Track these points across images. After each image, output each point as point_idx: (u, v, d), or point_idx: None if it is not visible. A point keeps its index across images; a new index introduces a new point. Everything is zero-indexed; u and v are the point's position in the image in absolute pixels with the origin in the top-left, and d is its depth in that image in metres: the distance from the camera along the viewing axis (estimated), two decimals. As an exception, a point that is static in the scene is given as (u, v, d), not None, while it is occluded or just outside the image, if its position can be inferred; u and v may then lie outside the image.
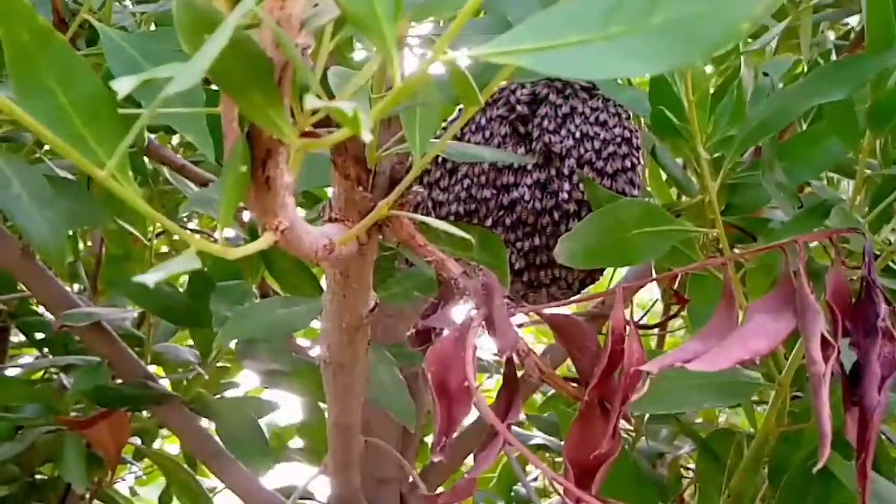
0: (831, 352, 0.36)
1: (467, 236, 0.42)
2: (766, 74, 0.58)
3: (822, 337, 0.36)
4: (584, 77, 0.27)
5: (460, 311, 0.48)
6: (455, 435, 0.93)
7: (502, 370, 0.45)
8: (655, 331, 0.93)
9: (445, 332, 0.44)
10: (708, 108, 0.61)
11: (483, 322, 0.44)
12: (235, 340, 0.68)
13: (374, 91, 0.45)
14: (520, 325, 0.49)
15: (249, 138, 0.33)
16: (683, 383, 0.57)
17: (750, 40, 0.60)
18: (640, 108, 0.65)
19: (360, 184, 0.46)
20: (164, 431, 0.99)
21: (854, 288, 0.44)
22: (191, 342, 0.86)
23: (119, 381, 0.79)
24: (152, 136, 0.79)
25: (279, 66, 0.31)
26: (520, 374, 0.46)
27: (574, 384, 0.44)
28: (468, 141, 0.75)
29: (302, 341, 0.92)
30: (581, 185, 0.71)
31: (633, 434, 0.87)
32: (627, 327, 0.42)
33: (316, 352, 0.63)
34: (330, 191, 0.50)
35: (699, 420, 0.97)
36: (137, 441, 1.05)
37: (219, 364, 0.83)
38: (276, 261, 0.68)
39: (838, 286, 0.39)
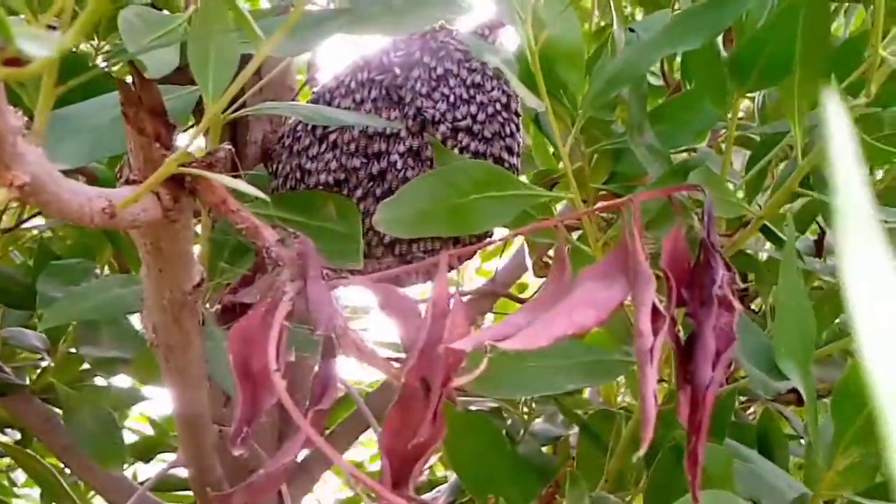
0: (662, 323, 0.32)
1: (264, 196, 0.37)
2: (632, 31, 0.53)
3: (654, 307, 0.32)
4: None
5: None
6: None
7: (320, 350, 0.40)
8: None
9: (252, 308, 0.39)
10: (582, 67, 0.56)
11: (297, 296, 0.39)
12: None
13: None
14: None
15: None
16: (547, 364, 0.52)
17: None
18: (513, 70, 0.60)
19: (158, 140, 0.40)
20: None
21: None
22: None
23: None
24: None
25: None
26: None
27: (398, 364, 0.39)
28: (337, 105, 0.69)
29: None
30: (460, 152, 0.66)
31: (526, 417, 0.83)
32: (452, 299, 0.37)
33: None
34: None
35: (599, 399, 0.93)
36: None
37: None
38: (120, 235, 0.62)
39: (676, 250, 0.34)
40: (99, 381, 0.83)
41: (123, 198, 0.38)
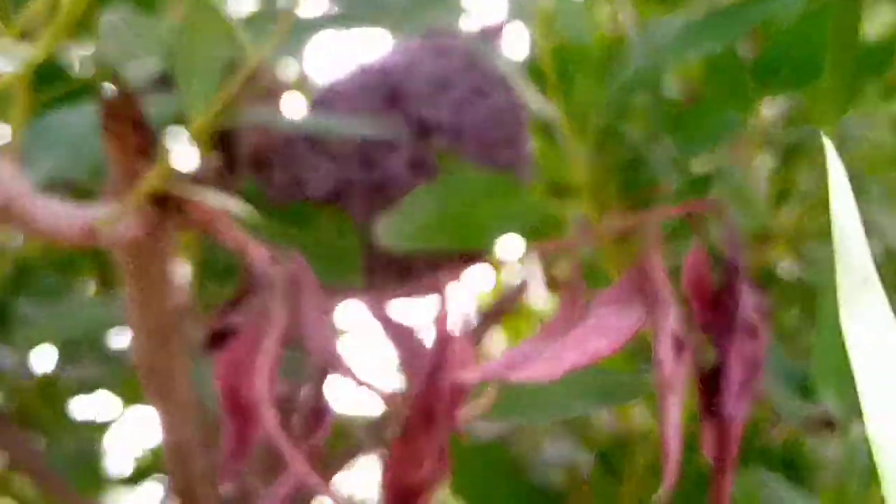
0: (684, 351, 0.31)
1: (254, 213, 0.36)
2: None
3: (675, 334, 0.31)
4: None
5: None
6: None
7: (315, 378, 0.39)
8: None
9: (241, 334, 0.38)
10: (595, 72, 0.55)
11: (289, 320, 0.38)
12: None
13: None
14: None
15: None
16: (560, 387, 0.51)
17: None
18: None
19: (141, 153, 0.39)
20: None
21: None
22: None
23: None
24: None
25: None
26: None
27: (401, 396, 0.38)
28: (337, 111, 0.68)
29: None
30: (464, 161, 0.65)
31: (537, 441, 0.81)
32: (456, 323, 0.36)
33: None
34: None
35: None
36: None
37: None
38: (103, 251, 0.61)
39: (698, 273, 0.33)
40: (81, 401, 0.83)
41: (104, 216, 0.37)
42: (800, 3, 0.43)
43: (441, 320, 0.36)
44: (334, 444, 0.87)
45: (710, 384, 0.32)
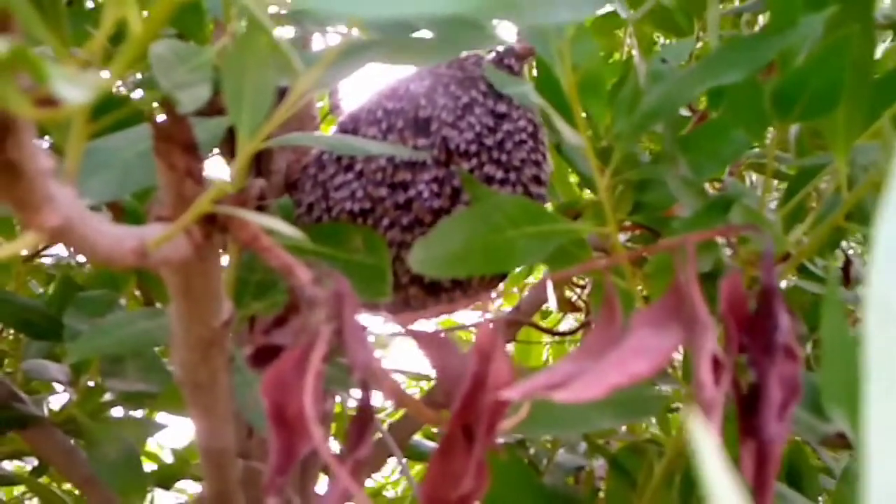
0: (724, 373, 0.29)
1: (298, 234, 0.34)
2: (664, 61, 0.51)
3: (714, 355, 0.29)
4: (371, 14, 0.19)
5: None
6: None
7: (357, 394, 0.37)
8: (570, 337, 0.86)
9: (288, 351, 0.36)
10: (604, 97, 0.54)
11: (334, 337, 0.36)
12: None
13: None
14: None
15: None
16: (584, 403, 0.50)
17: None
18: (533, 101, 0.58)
19: (190, 175, 0.38)
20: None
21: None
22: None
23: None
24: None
25: (-2, 13, 0.23)
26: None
27: (437, 410, 0.37)
28: (363, 134, 0.67)
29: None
30: (487, 182, 0.64)
31: (550, 447, 0.80)
32: (495, 343, 0.34)
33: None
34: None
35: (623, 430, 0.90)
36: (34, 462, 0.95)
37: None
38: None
39: (734, 295, 0.32)
40: (118, 411, 0.81)
41: (154, 236, 0.36)
42: (817, 36, 0.42)
43: (482, 339, 0.34)
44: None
45: (748, 406, 0.30)
